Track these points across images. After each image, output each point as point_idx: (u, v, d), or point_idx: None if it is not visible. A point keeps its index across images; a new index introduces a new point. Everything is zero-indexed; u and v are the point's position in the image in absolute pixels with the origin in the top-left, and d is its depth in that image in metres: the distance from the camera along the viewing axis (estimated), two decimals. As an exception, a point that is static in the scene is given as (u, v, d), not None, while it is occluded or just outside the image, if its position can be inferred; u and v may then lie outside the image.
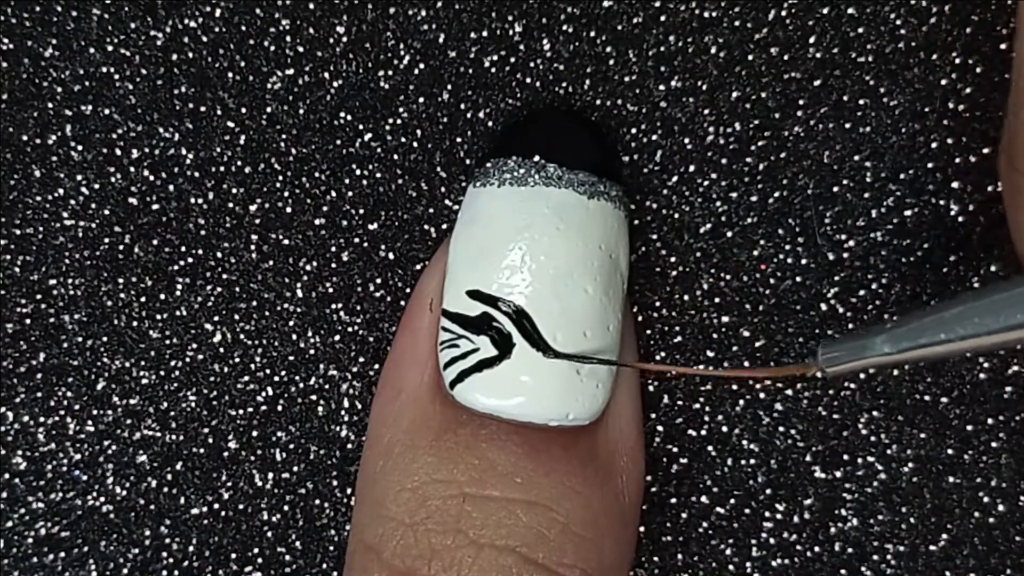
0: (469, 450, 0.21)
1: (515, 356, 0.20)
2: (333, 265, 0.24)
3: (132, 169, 0.24)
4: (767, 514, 0.24)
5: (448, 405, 0.21)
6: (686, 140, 0.24)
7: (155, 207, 0.24)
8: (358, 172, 0.24)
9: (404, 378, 0.22)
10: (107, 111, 0.24)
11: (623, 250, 0.22)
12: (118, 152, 0.24)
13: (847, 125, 0.23)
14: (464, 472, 0.21)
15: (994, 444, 0.24)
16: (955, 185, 0.24)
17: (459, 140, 0.24)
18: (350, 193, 0.24)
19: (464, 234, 0.22)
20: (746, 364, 0.24)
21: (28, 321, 0.24)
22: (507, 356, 0.20)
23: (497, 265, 0.21)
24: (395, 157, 0.24)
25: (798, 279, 0.24)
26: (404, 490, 0.21)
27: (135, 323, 0.24)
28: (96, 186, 0.24)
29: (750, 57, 0.23)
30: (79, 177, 0.24)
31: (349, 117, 0.24)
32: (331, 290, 0.24)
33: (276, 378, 0.24)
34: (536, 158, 0.21)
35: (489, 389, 0.21)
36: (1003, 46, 0.23)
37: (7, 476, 0.24)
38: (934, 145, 0.23)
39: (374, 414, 0.23)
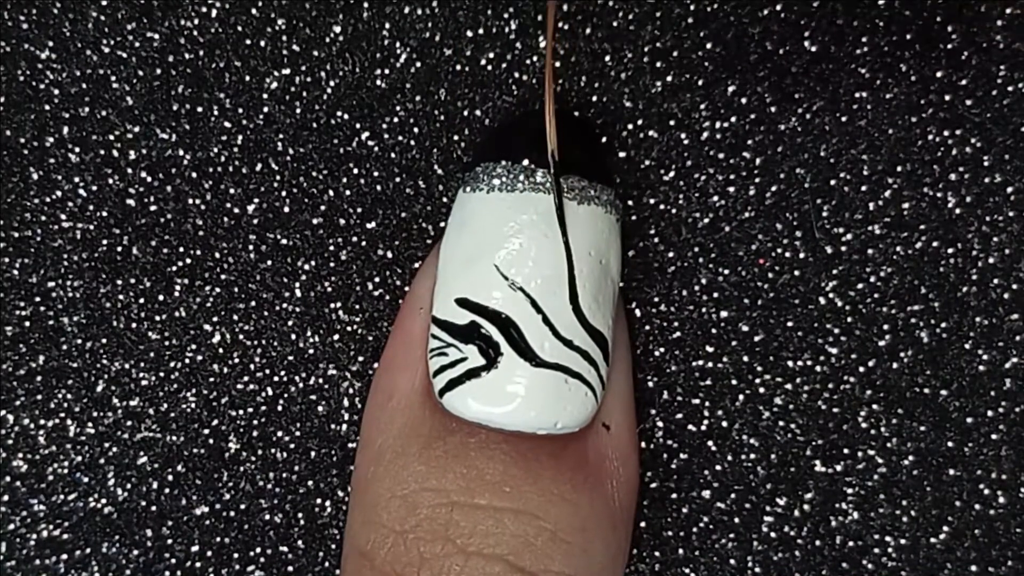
0: (458, 459, 0.21)
1: (503, 365, 0.20)
2: (331, 264, 0.24)
3: (130, 170, 0.24)
4: (768, 508, 0.24)
5: (438, 412, 0.21)
6: (683, 135, 0.24)
7: (153, 208, 0.24)
8: (355, 171, 0.24)
9: (395, 382, 0.22)
10: (104, 113, 0.24)
11: (614, 255, 0.21)
12: (115, 154, 0.24)
13: (843, 118, 0.23)
14: (453, 481, 0.21)
15: (994, 436, 0.24)
16: (952, 177, 0.24)
17: (456, 138, 0.24)
18: (348, 192, 0.24)
19: (453, 240, 0.21)
20: (746, 359, 0.24)
21: (27, 324, 0.24)
22: (495, 365, 0.20)
23: (485, 273, 0.21)
24: (392, 156, 0.24)
25: (796, 273, 0.24)
26: (394, 497, 0.21)
27: (134, 324, 0.24)
28: (94, 188, 0.24)
29: (746, 51, 0.23)
30: (77, 179, 0.24)
31: (346, 116, 0.24)
32: (330, 289, 0.24)
33: (276, 378, 0.24)
34: (525, 162, 0.21)
35: (478, 398, 0.20)
36: (997, 37, 0.23)
37: (8, 479, 0.24)
38: (930, 137, 0.23)
39: (366, 417, 0.23)
